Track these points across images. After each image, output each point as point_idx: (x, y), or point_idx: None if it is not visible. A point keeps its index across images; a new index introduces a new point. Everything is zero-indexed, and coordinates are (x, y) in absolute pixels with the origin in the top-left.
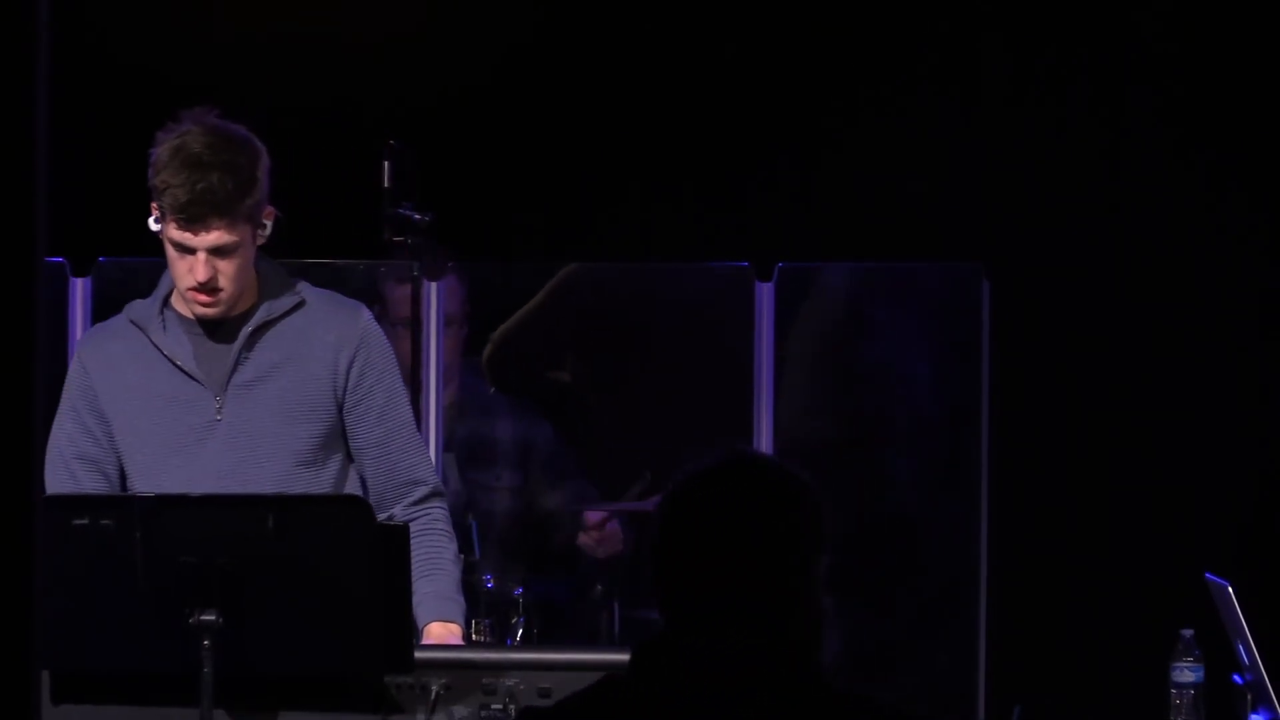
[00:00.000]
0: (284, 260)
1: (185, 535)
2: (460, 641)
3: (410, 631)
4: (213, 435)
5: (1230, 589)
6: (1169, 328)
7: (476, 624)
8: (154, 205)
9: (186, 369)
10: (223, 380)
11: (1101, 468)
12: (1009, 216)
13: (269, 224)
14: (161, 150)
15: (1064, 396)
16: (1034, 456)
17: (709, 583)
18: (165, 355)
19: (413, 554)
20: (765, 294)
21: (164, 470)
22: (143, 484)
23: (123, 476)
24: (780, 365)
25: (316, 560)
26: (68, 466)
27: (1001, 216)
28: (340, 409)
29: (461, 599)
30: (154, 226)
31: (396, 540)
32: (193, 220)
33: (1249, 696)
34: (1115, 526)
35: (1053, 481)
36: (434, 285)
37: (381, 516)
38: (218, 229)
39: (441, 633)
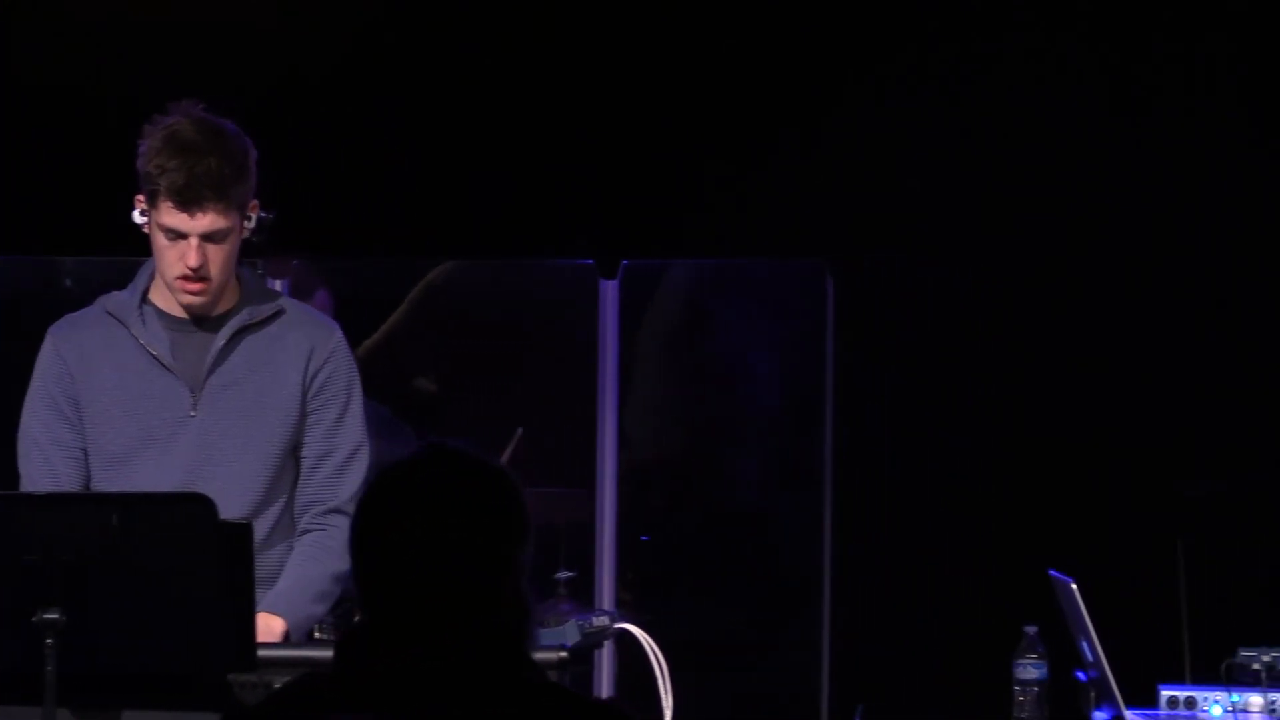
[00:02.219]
0: (111, 258)
1: (29, 533)
2: (277, 639)
3: (254, 630)
4: (185, 430)
5: (1074, 586)
6: (1011, 323)
7: (320, 624)
8: (139, 198)
9: (165, 363)
10: (200, 377)
11: (945, 464)
12: (852, 214)
13: (254, 217)
14: (153, 139)
15: (907, 393)
16: (878, 453)
17: (408, 575)
18: (144, 348)
19: (293, 556)
20: (610, 291)
21: (134, 461)
22: (111, 473)
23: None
24: (626, 362)
25: (160, 558)
26: (44, 453)
27: (845, 214)
28: (303, 416)
29: (308, 605)
30: (139, 219)
31: (239, 538)
32: (189, 203)
33: (1092, 693)
34: (959, 523)
35: (897, 478)
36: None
37: (299, 526)
38: (213, 212)
39: (260, 626)
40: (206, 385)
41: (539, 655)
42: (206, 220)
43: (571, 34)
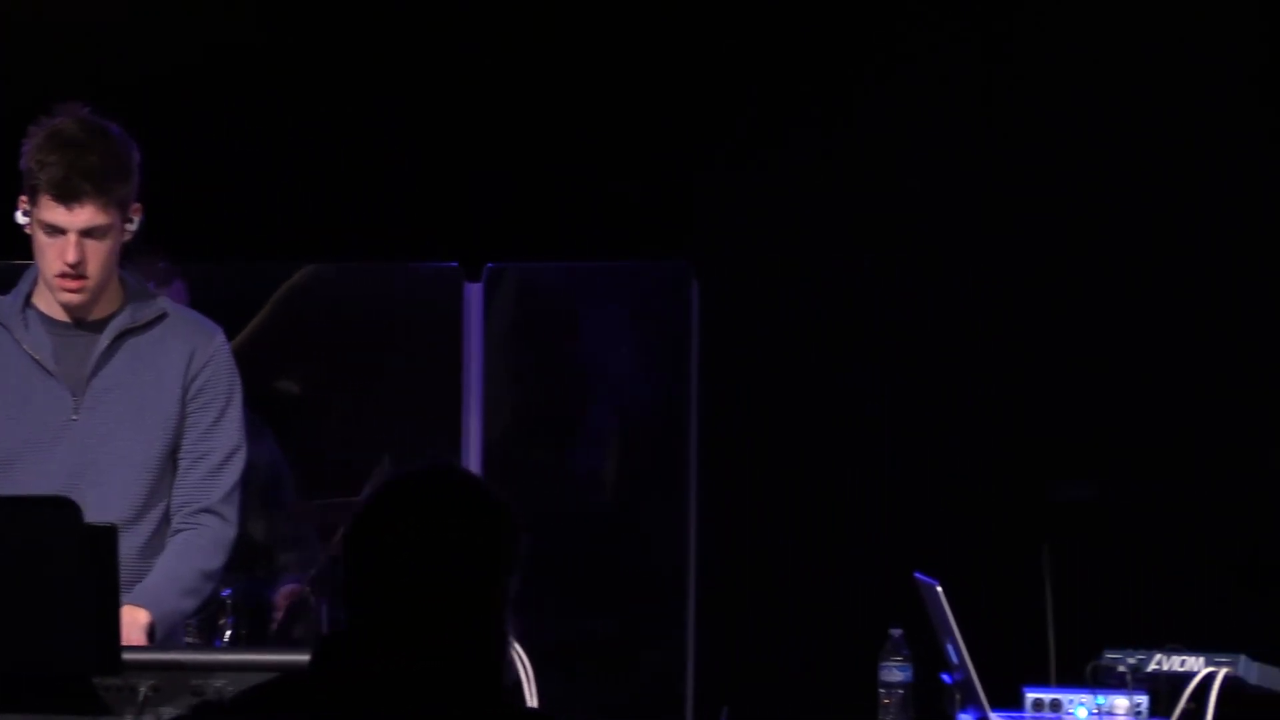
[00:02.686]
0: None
1: None
2: (141, 631)
3: (119, 633)
4: (67, 434)
5: (939, 588)
6: (876, 323)
7: (188, 624)
8: (21, 198)
9: (47, 367)
10: (82, 381)
11: (811, 467)
12: (717, 216)
13: (136, 220)
14: (37, 137)
15: (773, 395)
16: (743, 455)
17: (396, 591)
18: (27, 352)
19: (163, 553)
20: (474, 295)
21: (17, 465)
22: None
23: None
24: (490, 365)
25: (22, 560)
26: None
27: (710, 216)
28: (184, 419)
29: (175, 600)
30: (21, 220)
31: (104, 541)
32: (68, 196)
33: (957, 695)
34: (824, 525)
35: (762, 480)
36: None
37: (173, 525)
38: (92, 207)
39: (125, 618)
40: (89, 389)
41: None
42: (85, 215)
43: (435, 34)
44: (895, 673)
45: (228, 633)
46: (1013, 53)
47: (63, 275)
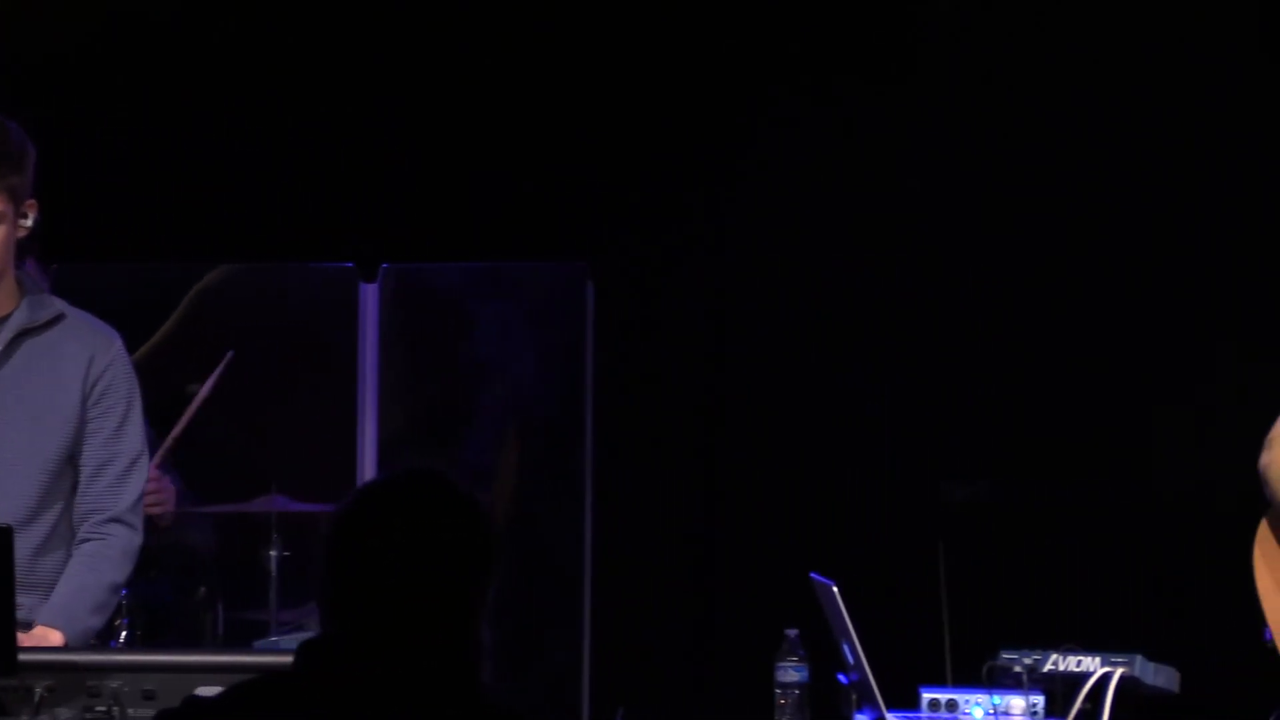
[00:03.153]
0: None
1: None
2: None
3: (14, 635)
4: None
5: (835, 589)
6: (772, 324)
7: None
8: None
9: None
10: None
11: (705, 466)
12: (613, 217)
13: (31, 216)
14: None
15: (667, 395)
16: (638, 455)
17: (377, 595)
18: None
19: (70, 566)
20: (369, 295)
21: None
22: None
23: None
24: (385, 365)
25: None
26: None
27: (606, 217)
28: (83, 424)
29: (86, 617)
30: None
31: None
32: None
33: (853, 695)
34: (720, 525)
35: (657, 480)
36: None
37: (79, 535)
38: None
39: (39, 639)
40: None
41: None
42: None
43: (331, 34)
44: (791, 673)
45: (123, 634)
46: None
47: None
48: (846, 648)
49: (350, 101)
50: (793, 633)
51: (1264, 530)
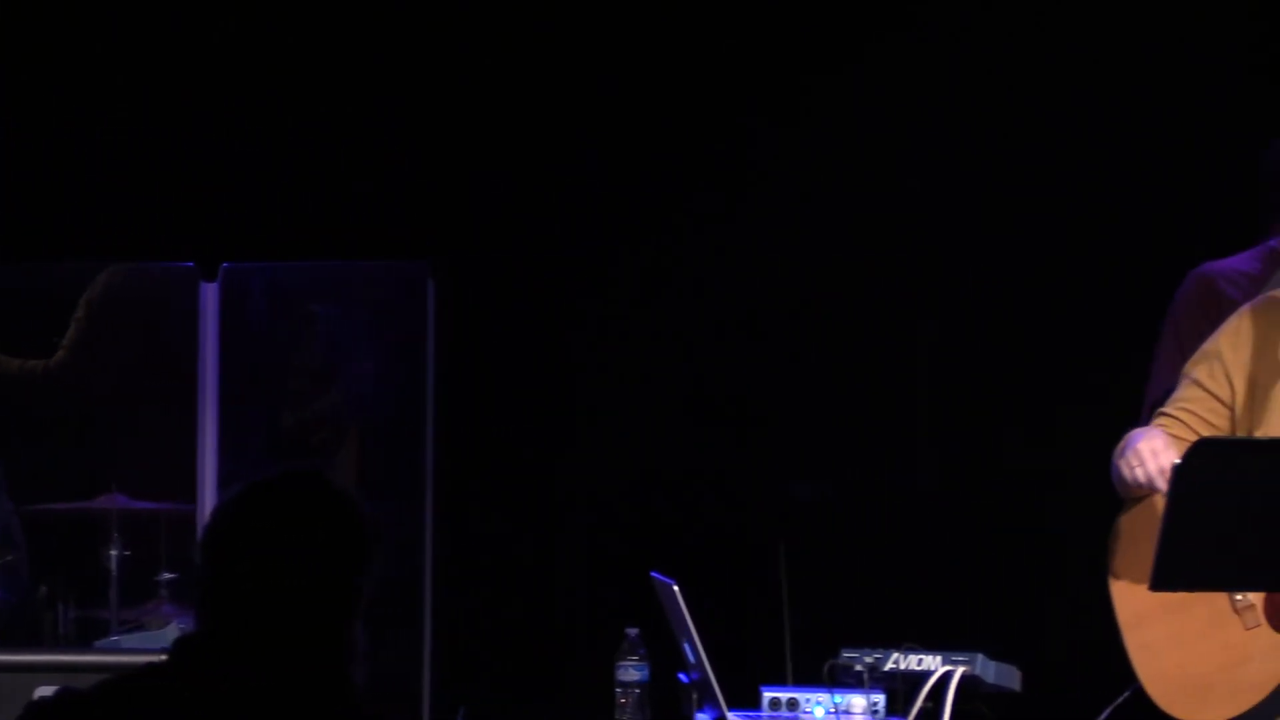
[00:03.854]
0: None
1: None
2: None
3: None
4: None
5: (676, 588)
6: (615, 324)
7: None
8: None
9: None
10: None
11: (547, 466)
12: (455, 216)
13: None
14: None
15: (510, 394)
16: (480, 454)
17: (252, 593)
18: None
19: None
20: (210, 294)
21: None
22: None
23: None
24: (226, 363)
25: None
26: None
27: (448, 216)
28: None
29: None
30: None
31: None
32: None
33: (694, 694)
34: (561, 525)
35: (499, 479)
36: None
37: None
38: None
39: None
40: None
41: (136, 659)
42: None
43: (167, 30)
44: (632, 672)
45: None
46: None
47: None
48: (687, 647)
49: (189, 97)
50: (633, 632)
51: (1122, 525)
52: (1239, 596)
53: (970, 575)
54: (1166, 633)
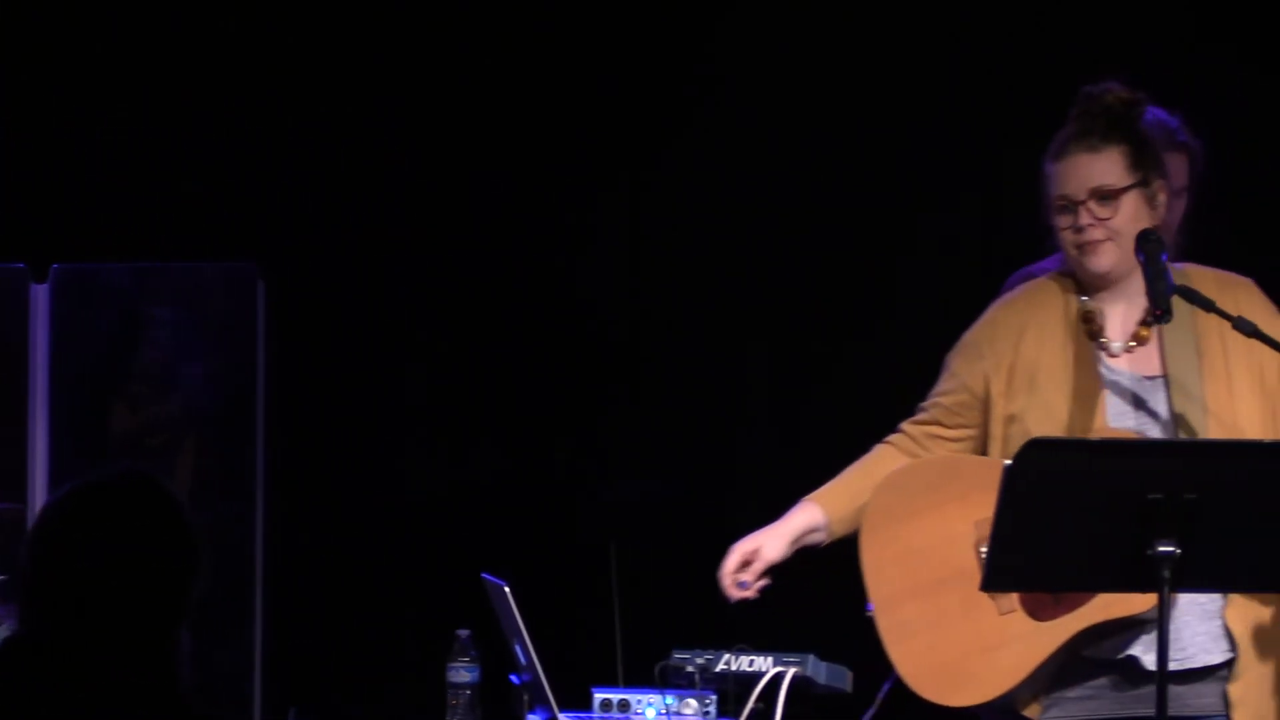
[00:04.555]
0: None
1: None
2: None
3: None
4: None
5: (507, 589)
6: (442, 326)
7: None
8: None
9: None
10: None
11: (379, 467)
12: (284, 215)
13: None
14: None
15: (341, 394)
16: (311, 455)
17: (79, 594)
18: None
19: None
20: (40, 296)
21: None
22: None
23: None
24: (57, 365)
25: None
26: None
27: (277, 216)
28: None
29: None
30: None
31: None
32: None
33: (526, 696)
34: (393, 526)
35: (330, 480)
36: None
37: None
38: None
39: None
40: None
41: None
42: None
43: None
44: (463, 674)
45: None
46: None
47: None
48: (519, 648)
49: (18, 95)
50: (464, 633)
51: (873, 505)
52: None
53: (802, 576)
54: (920, 615)
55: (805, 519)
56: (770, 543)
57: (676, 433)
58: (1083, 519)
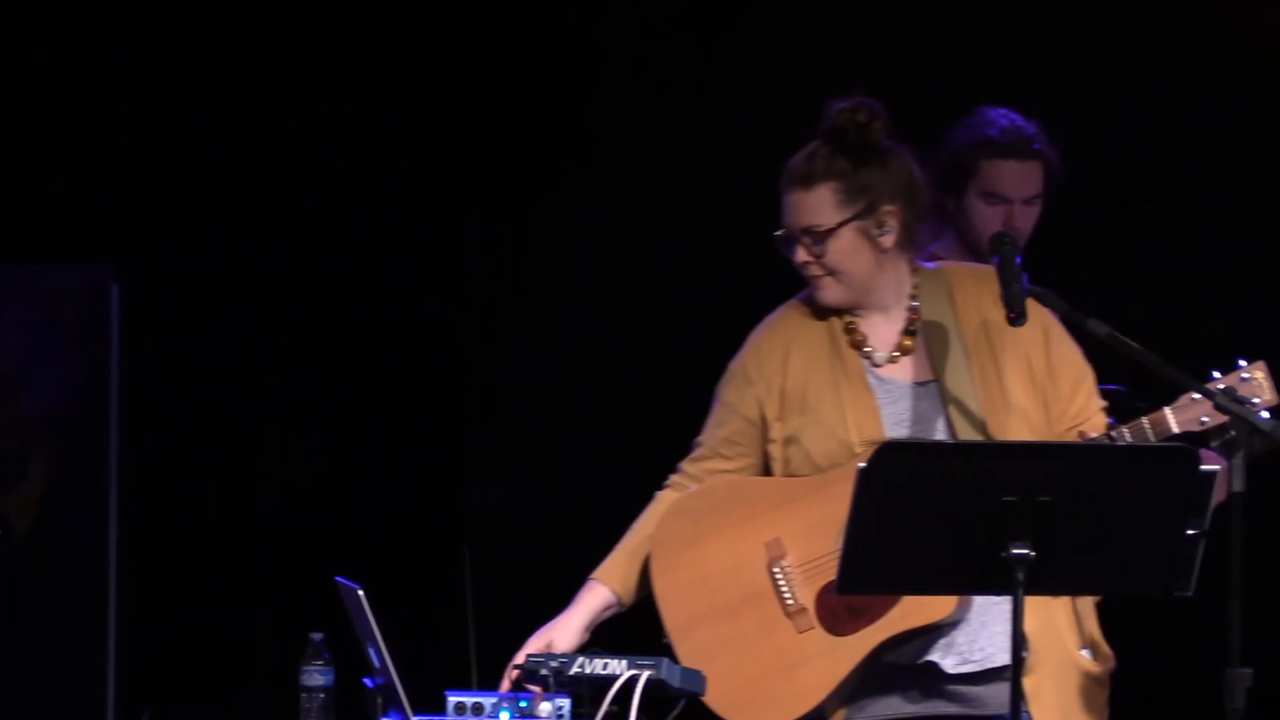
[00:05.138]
0: None
1: None
2: None
3: None
4: None
5: (360, 592)
6: (299, 328)
7: None
8: None
9: None
10: None
11: (233, 470)
12: (137, 218)
13: None
14: None
15: (195, 398)
16: (166, 459)
17: None
18: None
19: None
20: None
21: None
22: None
23: None
24: None
25: None
26: None
27: (130, 218)
28: None
29: None
30: None
31: None
32: None
33: (379, 700)
34: (247, 529)
35: (185, 483)
36: None
37: None
38: None
39: None
40: None
41: None
42: None
43: None
44: (316, 677)
45: None
46: None
47: None
48: (372, 651)
49: None
50: (318, 636)
51: (663, 534)
52: (790, 600)
53: None
54: (718, 639)
55: (592, 603)
56: (560, 636)
57: (531, 437)
58: (937, 521)
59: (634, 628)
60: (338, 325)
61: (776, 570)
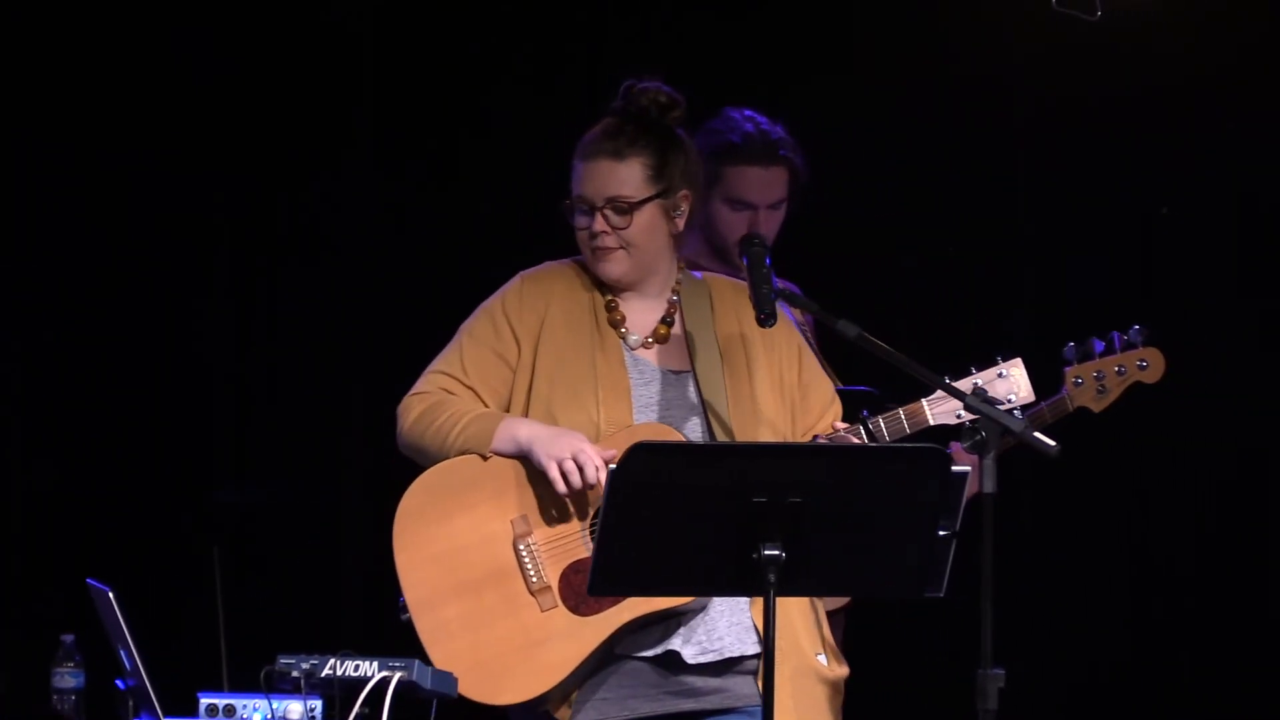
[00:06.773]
0: None
1: None
2: None
3: None
4: None
5: (111, 594)
6: (53, 328)
7: None
8: None
9: None
10: None
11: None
12: None
13: None
14: None
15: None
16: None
17: None
18: None
19: None
20: None
21: None
22: None
23: None
24: None
25: None
26: None
27: None
28: None
29: None
30: None
31: None
32: None
33: (131, 701)
34: None
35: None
36: None
37: None
38: None
39: None
40: None
41: None
42: None
43: None
44: (67, 679)
45: None
46: None
47: None
48: (124, 653)
49: None
50: (69, 638)
51: (407, 507)
52: (534, 577)
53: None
54: (460, 615)
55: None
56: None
57: (283, 439)
58: (689, 523)
59: (385, 628)
60: (86, 325)
61: (521, 547)
